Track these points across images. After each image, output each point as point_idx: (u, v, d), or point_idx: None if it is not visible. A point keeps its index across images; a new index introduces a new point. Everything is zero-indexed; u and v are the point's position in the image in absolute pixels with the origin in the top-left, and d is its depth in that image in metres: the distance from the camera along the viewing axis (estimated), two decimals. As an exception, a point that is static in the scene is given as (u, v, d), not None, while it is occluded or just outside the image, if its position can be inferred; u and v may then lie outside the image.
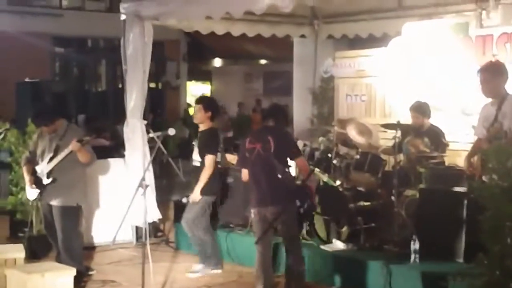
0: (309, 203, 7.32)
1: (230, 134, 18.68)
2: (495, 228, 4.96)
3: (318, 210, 8.33)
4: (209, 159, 8.32)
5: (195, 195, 8.36)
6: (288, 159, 7.25)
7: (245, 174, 7.29)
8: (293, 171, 8.06)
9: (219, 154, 8.65)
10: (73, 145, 7.74)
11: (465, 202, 7.16)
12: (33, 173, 8.03)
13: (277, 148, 7.03)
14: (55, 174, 7.88)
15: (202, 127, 8.54)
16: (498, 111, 6.76)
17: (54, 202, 7.93)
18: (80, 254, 8.12)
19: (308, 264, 7.56)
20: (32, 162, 8.09)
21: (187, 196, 8.67)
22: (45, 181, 7.90)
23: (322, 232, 8.44)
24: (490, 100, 6.99)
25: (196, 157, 8.61)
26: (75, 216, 8.03)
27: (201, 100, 8.92)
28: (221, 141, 8.88)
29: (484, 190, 5.11)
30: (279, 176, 7.01)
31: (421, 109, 8.85)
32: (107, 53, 25.91)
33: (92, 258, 9.18)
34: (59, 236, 7.97)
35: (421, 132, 8.67)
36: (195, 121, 8.64)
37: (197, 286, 8.05)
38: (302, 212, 7.13)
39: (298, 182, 7.53)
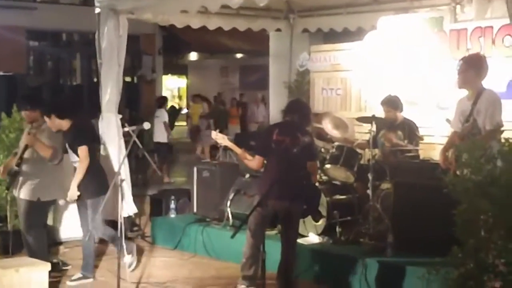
0: (317, 204, 7.37)
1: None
2: (469, 222, 5.00)
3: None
4: (82, 150, 7.70)
5: (72, 191, 7.71)
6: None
7: (259, 162, 7.17)
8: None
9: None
10: (25, 138, 7.74)
11: (440, 195, 7.20)
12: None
13: (304, 147, 7.00)
14: (23, 166, 7.83)
15: (65, 129, 7.84)
16: (474, 106, 6.78)
17: (18, 194, 7.88)
18: (41, 250, 7.81)
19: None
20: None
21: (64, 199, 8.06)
22: (12, 172, 7.88)
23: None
24: (465, 93, 7.03)
25: (74, 158, 7.88)
26: (36, 211, 7.83)
27: (48, 111, 7.81)
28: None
29: (458, 184, 5.15)
30: (301, 174, 7.03)
31: (392, 103, 8.87)
32: (82, 47, 25.76)
33: (67, 253, 9.13)
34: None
35: (395, 125, 8.71)
36: (58, 129, 7.80)
37: (173, 280, 8.03)
38: (304, 209, 7.20)
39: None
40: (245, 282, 7.14)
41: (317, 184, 8.15)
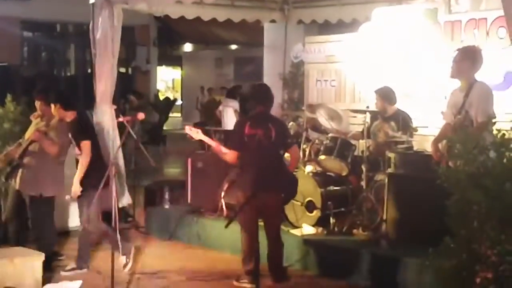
0: (295, 190, 7.40)
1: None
2: (462, 213, 5.02)
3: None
4: (85, 145, 7.73)
5: (75, 187, 7.73)
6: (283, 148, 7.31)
7: (233, 156, 7.19)
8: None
9: None
10: (33, 135, 7.75)
11: (433, 187, 7.21)
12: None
13: (277, 136, 7.06)
14: (25, 159, 7.84)
15: (68, 120, 7.89)
16: (465, 98, 6.81)
17: (21, 189, 7.90)
18: (50, 243, 7.96)
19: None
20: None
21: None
22: (13, 164, 7.89)
23: (292, 217, 8.47)
24: (459, 85, 7.05)
25: (77, 150, 7.86)
26: (43, 206, 7.90)
27: (54, 100, 7.91)
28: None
29: (450, 176, 5.17)
30: (277, 164, 7.08)
31: (384, 94, 8.83)
32: (76, 38, 25.74)
33: (62, 243, 9.13)
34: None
35: (388, 117, 8.70)
36: (61, 118, 7.87)
37: (167, 271, 8.04)
38: (283, 198, 7.28)
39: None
40: (247, 277, 7.17)
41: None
